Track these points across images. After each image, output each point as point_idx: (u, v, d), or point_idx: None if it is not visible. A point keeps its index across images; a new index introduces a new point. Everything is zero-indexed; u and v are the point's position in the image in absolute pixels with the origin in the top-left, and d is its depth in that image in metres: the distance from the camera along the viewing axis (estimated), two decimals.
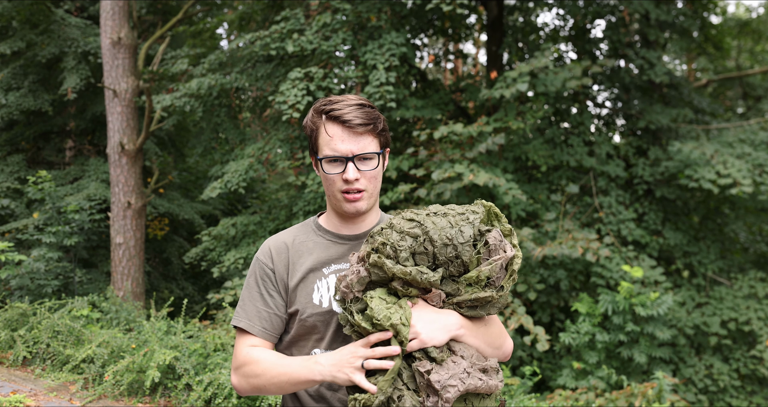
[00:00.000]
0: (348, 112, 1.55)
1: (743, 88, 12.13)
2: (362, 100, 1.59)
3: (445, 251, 1.42)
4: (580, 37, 9.04)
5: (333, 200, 1.62)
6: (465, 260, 1.43)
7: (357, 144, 1.55)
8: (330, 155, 1.56)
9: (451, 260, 1.43)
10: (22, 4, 9.95)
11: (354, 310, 1.46)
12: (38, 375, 5.75)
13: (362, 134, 1.56)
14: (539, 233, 6.85)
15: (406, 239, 1.43)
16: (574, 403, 5.44)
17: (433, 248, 1.42)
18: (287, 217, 8.02)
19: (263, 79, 7.78)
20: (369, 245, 1.49)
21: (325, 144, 1.57)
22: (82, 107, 11.36)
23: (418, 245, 1.43)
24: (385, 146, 1.63)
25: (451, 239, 1.41)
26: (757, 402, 7.19)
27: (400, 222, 1.47)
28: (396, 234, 1.45)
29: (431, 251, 1.43)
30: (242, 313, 1.64)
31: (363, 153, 1.56)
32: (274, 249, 1.67)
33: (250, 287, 1.66)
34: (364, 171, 1.57)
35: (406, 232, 1.44)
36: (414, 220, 1.46)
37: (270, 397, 4.58)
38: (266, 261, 1.66)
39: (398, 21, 7.51)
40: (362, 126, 1.55)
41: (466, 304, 1.47)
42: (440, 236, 1.42)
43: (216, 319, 7.07)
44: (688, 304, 7.54)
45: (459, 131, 6.26)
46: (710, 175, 6.93)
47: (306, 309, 1.60)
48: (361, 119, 1.55)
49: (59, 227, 8.36)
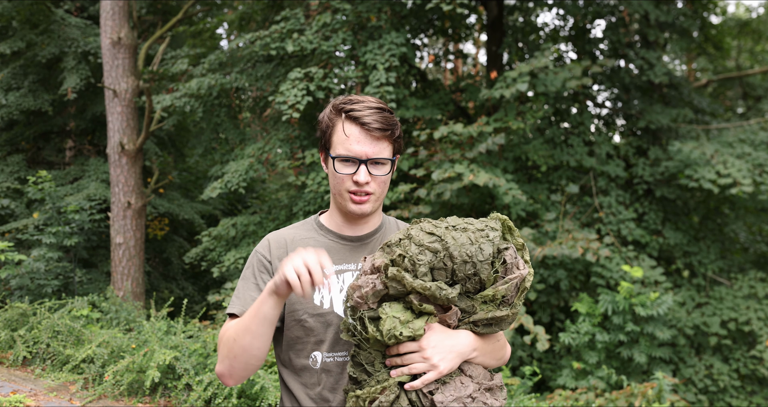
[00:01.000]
0: (368, 114, 1.54)
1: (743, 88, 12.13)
2: (382, 103, 1.58)
3: (464, 268, 1.41)
4: (580, 37, 9.05)
5: (339, 198, 1.61)
6: (483, 278, 1.42)
7: (372, 148, 1.55)
8: (344, 155, 1.55)
9: (469, 277, 1.42)
10: (22, 4, 9.95)
11: (367, 321, 1.44)
12: (38, 375, 5.75)
13: (379, 138, 1.55)
14: (539, 233, 6.85)
15: (425, 254, 1.41)
16: (574, 403, 5.44)
17: (453, 264, 1.41)
18: (287, 217, 8.02)
19: (263, 79, 7.78)
20: (386, 256, 1.46)
21: (340, 143, 1.56)
22: (82, 107, 11.37)
23: (437, 261, 1.41)
24: (398, 152, 1.63)
25: (471, 257, 1.40)
26: (757, 402, 7.19)
27: (419, 234, 1.45)
28: (415, 247, 1.43)
29: (450, 268, 1.41)
30: (237, 301, 1.61)
31: (377, 158, 1.55)
32: (273, 243, 1.66)
33: (246, 278, 1.65)
34: (375, 175, 1.57)
35: (426, 246, 1.42)
36: (434, 234, 1.44)
37: (270, 397, 4.58)
38: (264, 253, 1.65)
39: (398, 21, 7.51)
40: (380, 131, 1.54)
41: (482, 322, 1.47)
42: (460, 252, 1.40)
43: (216, 319, 7.07)
44: (688, 304, 7.54)
45: (459, 131, 6.26)
46: (710, 175, 6.93)
47: (305, 310, 1.58)
48: (379, 124, 1.54)
49: (59, 227, 8.36)
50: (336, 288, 1.61)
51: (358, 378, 1.47)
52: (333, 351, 1.58)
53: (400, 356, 1.43)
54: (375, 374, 1.46)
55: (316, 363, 1.58)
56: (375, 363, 1.46)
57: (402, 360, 1.43)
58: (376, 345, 1.45)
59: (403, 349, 1.42)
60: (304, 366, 1.59)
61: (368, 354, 1.47)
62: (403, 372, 1.42)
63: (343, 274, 1.63)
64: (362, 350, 1.48)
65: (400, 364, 1.43)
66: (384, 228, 1.72)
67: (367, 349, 1.47)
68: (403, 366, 1.43)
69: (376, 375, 1.45)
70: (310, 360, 1.59)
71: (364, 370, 1.47)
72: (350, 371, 1.49)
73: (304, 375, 1.60)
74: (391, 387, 1.41)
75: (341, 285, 1.62)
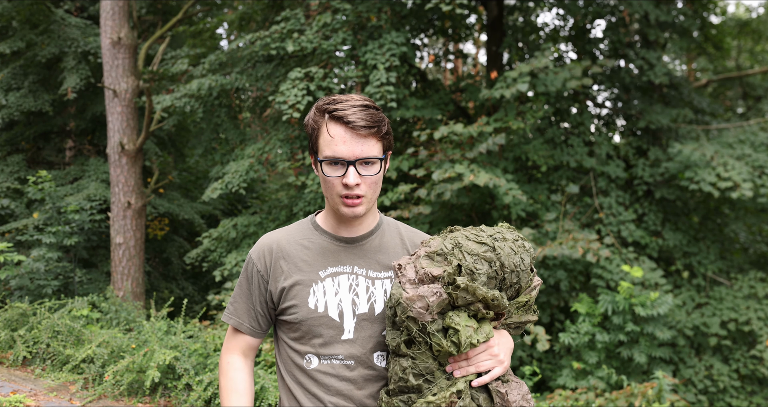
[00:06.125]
0: (352, 113, 1.49)
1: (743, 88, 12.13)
2: (367, 100, 1.54)
3: (510, 276, 1.50)
4: (580, 37, 9.05)
5: (332, 202, 1.59)
6: (522, 285, 1.53)
7: (360, 147, 1.49)
8: (330, 157, 1.50)
9: (512, 285, 1.52)
10: (22, 4, 9.95)
11: (439, 335, 1.47)
12: (38, 375, 5.75)
13: (365, 136, 1.50)
14: (539, 234, 6.85)
15: (482, 263, 1.47)
16: (574, 403, 5.43)
17: (503, 273, 1.49)
18: (287, 217, 8.02)
19: (263, 80, 7.78)
20: (440, 265, 1.49)
21: (326, 145, 1.51)
22: (82, 107, 11.37)
23: (492, 271, 1.48)
24: (388, 149, 1.58)
25: (517, 266, 1.51)
26: (757, 402, 7.19)
27: (469, 244, 1.49)
28: (470, 257, 1.47)
29: (500, 276, 1.49)
30: (233, 310, 1.70)
31: (365, 157, 1.50)
32: (267, 248, 1.65)
33: (241, 285, 1.68)
34: (365, 176, 1.52)
35: (481, 256, 1.48)
36: (485, 243, 1.50)
37: (270, 397, 4.59)
38: (258, 261, 1.65)
39: (398, 21, 7.51)
40: (366, 128, 1.49)
41: (514, 325, 1.58)
42: (509, 262, 1.49)
43: (216, 319, 7.08)
44: (688, 304, 7.54)
45: (459, 131, 6.26)
46: (710, 177, 6.93)
47: (300, 313, 1.58)
48: (365, 121, 1.48)
49: (59, 227, 8.36)
50: (331, 291, 1.60)
51: (421, 387, 1.49)
52: (328, 353, 1.57)
53: (467, 359, 1.48)
54: (436, 381, 1.48)
55: (311, 364, 1.59)
56: (435, 371, 1.49)
57: (469, 362, 1.48)
58: (444, 356, 1.49)
59: (472, 353, 1.48)
60: (301, 368, 1.60)
61: (427, 364, 1.49)
62: (470, 371, 1.47)
63: (338, 277, 1.61)
64: (419, 361, 1.49)
65: (465, 366, 1.49)
66: (381, 229, 1.70)
67: (424, 360, 1.49)
68: (468, 367, 1.48)
69: (437, 381, 1.48)
70: (305, 362, 1.59)
71: (425, 379, 1.49)
72: (407, 380, 1.49)
73: (301, 376, 1.60)
74: (465, 390, 1.46)
75: (336, 288, 1.60)
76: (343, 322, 1.58)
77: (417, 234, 1.75)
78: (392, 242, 1.69)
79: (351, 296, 1.60)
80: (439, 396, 1.43)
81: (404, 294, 1.46)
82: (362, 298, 1.61)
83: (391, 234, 1.71)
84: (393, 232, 1.72)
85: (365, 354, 1.58)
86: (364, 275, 1.63)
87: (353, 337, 1.58)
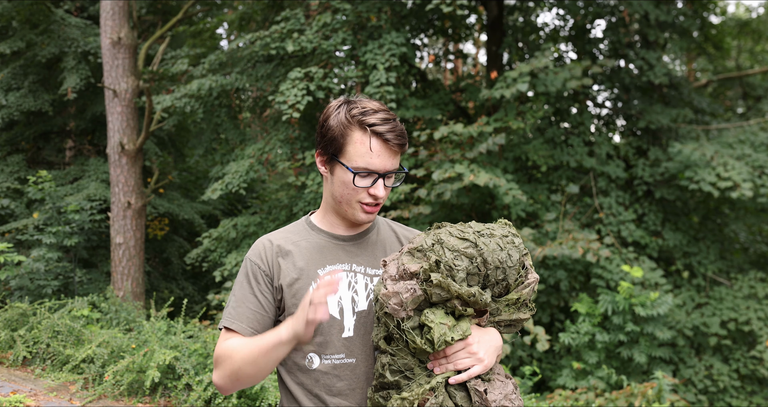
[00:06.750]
0: (389, 129, 1.55)
1: (743, 88, 12.12)
2: (391, 113, 1.59)
3: (495, 273, 1.46)
4: (580, 37, 9.05)
5: (345, 206, 1.60)
6: (509, 283, 1.49)
7: (390, 161, 1.57)
8: (363, 169, 1.55)
9: (498, 281, 1.48)
10: (22, 4, 9.95)
11: (413, 333, 1.45)
12: (38, 375, 5.75)
13: (397, 152, 1.58)
14: (539, 234, 6.85)
15: (462, 259, 1.44)
16: (574, 403, 5.44)
17: (486, 269, 1.45)
18: (287, 217, 8.02)
19: (263, 80, 7.78)
20: (419, 262, 1.47)
21: (360, 156, 1.54)
22: (82, 107, 11.37)
23: (472, 267, 1.44)
24: None
25: (502, 263, 1.46)
26: (757, 402, 7.19)
27: (451, 240, 1.47)
28: (449, 252, 1.44)
29: (483, 273, 1.45)
30: (234, 314, 1.60)
31: (394, 170, 1.58)
32: (264, 249, 1.65)
33: (242, 287, 1.63)
34: (388, 187, 1.60)
35: (461, 251, 1.44)
36: (467, 239, 1.47)
37: (270, 397, 4.58)
38: (257, 261, 1.63)
39: (398, 21, 7.51)
40: (400, 146, 1.57)
41: (504, 323, 1.54)
42: (493, 258, 1.45)
43: (216, 319, 7.08)
44: (688, 304, 7.54)
45: (459, 131, 6.26)
46: (710, 177, 6.93)
47: None
48: (399, 139, 1.56)
49: (59, 228, 8.36)
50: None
51: (399, 383, 1.47)
52: (329, 352, 1.57)
53: (446, 357, 1.47)
54: (415, 377, 1.47)
55: (312, 364, 1.58)
56: (414, 367, 1.48)
57: (448, 359, 1.47)
58: (421, 353, 1.47)
59: (450, 351, 1.46)
60: (301, 367, 1.59)
61: (405, 361, 1.47)
62: (448, 368, 1.45)
63: None
64: (398, 357, 1.48)
65: (444, 364, 1.47)
66: (376, 227, 1.73)
67: (403, 356, 1.47)
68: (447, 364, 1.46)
69: (417, 378, 1.47)
70: (306, 361, 1.59)
71: (403, 375, 1.48)
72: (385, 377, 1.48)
73: (302, 376, 1.59)
74: (440, 387, 1.43)
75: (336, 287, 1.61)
76: (343, 320, 1.58)
77: (411, 231, 1.78)
78: (389, 238, 1.72)
79: (350, 293, 1.61)
80: (413, 393, 1.42)
81: (382, 290, 1.46)
82: (361, 295, 1.61)
83: (386, 231, 1.74)
84: (386, 229, 1.75)
85: (365, 351, 1.58)
86: (363, 272, 1.64)
87: (353, 335, 1.58)
